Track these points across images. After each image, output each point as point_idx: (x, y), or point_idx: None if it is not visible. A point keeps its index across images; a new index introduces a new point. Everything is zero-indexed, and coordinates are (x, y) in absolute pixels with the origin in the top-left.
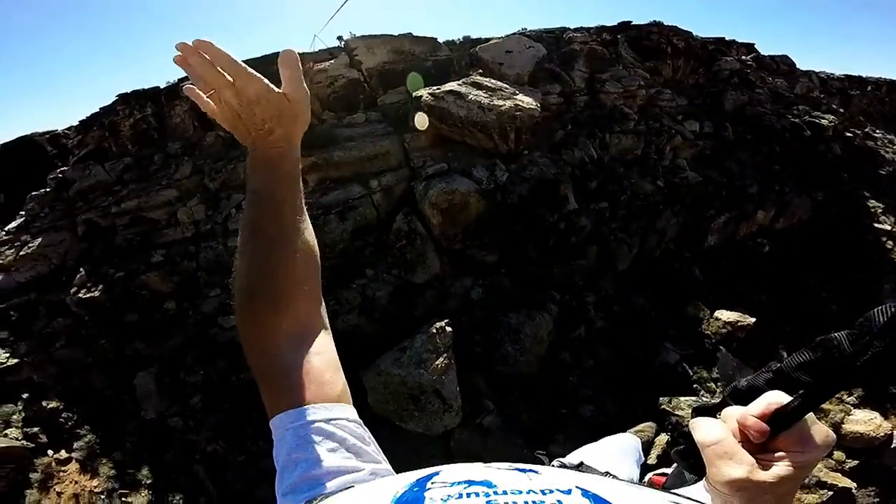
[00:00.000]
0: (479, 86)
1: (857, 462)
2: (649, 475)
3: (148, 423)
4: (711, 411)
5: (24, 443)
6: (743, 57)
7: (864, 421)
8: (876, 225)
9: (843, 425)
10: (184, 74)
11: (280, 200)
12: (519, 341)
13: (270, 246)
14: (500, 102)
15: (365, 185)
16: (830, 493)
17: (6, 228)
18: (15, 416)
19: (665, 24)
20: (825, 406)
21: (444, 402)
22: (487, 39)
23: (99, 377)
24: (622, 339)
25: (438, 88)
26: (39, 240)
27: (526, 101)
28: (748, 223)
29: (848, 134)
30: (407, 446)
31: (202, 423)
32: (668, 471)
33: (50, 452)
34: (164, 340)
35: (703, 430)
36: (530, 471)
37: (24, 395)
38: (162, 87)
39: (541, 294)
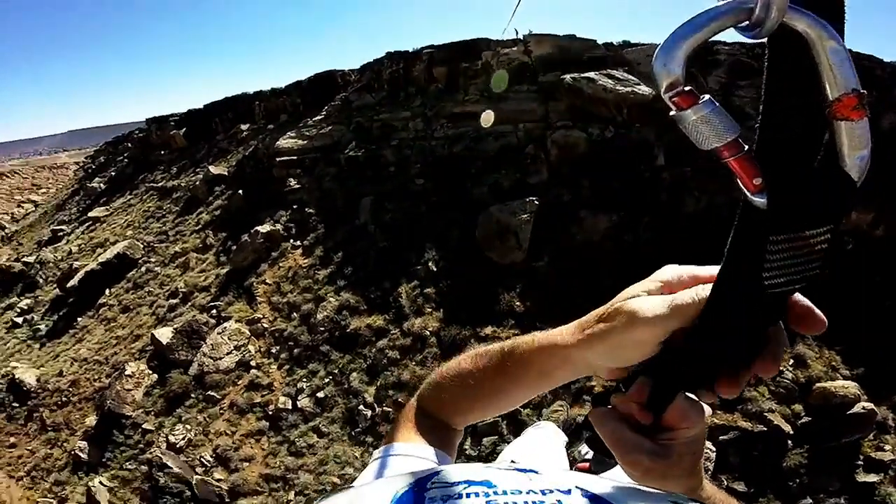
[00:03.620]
0: (610, 76)
1: (808, 419)
2: (577, 462)
3: (357, 227)
4: (607, 399)
5: (281, 231)
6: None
7: (843, 386)
8: None
9: (819, 383)
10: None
11: (517, 388)
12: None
13: (489, 399)
14: (621, 88)
15: (515, 126)
16: (764, 428)
17: (313, 119)
18: (284, 217)
19: None
20: (812, 363)
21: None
22: (639, 44)
23: (342, 199)
24: None
25: (580, 74)
26: (330, 127)
27: (643, 90)
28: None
29: None
30: None
31: (380, 227)
32: (590, 454)
33: (291, 241)
34: (383, 182)
35: (597, 423)
36: (530, 471)
37: (294, 206)
38: (411, 50)
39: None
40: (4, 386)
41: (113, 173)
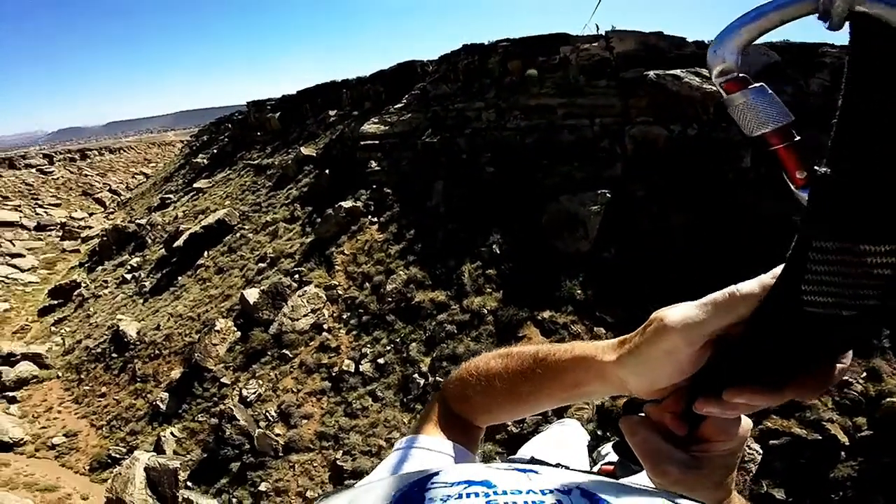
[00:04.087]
0: (697, 74)
1: (870, 433)
2: (598, 465)
3: (428, 208)
4: (638, 406)
5: (361, 208)
6: None
7: None
8: None
9: (891, 398)
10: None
11: (546, 398)
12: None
13: (515, 403)
14: (710, 87)
15: (591, 120)
16: (818, 437)
17: (394, 107)
18: (364, 196)
19: None
20: (887, 378)
21: None
22: None
23: (417, 181)
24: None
25: (665, 71)
26: (409, 115)
27: None
28: None
29: None
30: None
31: (449, 210)
32: (615, 458)
33: (369, 217)
34: (455, 168)
35: (628, 431)
36: (530, 471)
37: (374, 186)
38: (487, 43)
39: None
40: (109, 337)
41: (215, 151)
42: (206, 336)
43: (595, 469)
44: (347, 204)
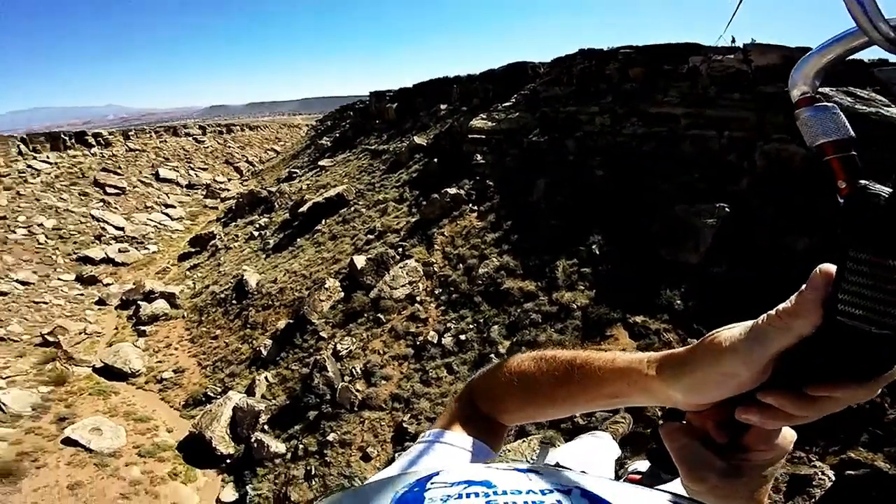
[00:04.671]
0: (851, 94)
1: None
2: (626, 475)
3: (529, 202)
4: (681, 414)
5: (464, 195)
6: None
7: None
8: None
9: None
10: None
11: (576, 404)
12: None
13: (545, 406)
14: (862, 107)
15: (719, 132)
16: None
17: (503, 105)
18: (467, 185)
19: None
20: None
21: None
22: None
23: (520, 177)
24: None
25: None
26: (518, 114)
27: (892, 111)
28: None
29: None
30: None
31: (550, 207)
32: (643, 468)
33: (470, 204)
34: (561, 168)
35: (668, 437)
36: (530, 471)
37: (477, 177)
38: (606, 49)
39: None
40: (233, 284)
41: (337, 134)
42: (316, 292)
43: (621, 479)
44: (452, 191)
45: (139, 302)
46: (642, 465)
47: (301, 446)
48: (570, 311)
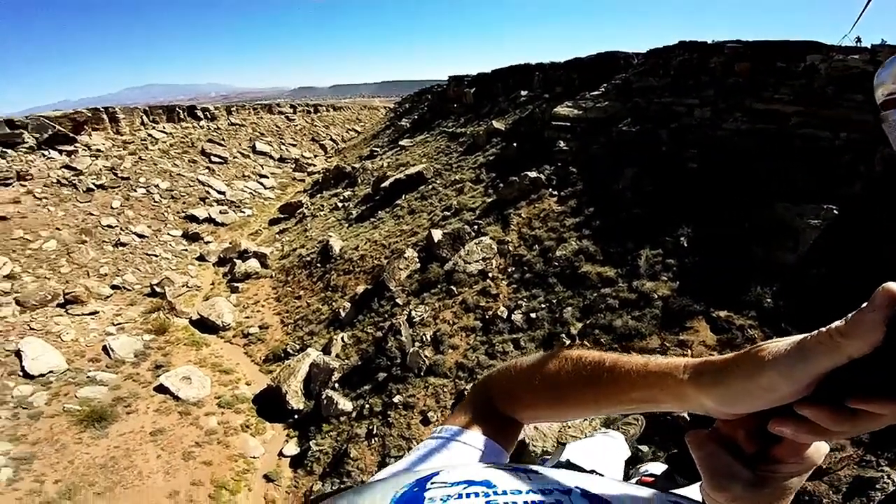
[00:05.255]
0: None
1: None
2: (638, 476)
3: (614, 191)
4: (709, 420)
5: (544, 179)
6: None
7: None
8: None
9: None
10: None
11: (598, 407)
12: None
13: (567, 406)
14: None
15: (834, 133)
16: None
17: (591, 94)
18: (547, 170)
19: None
20: None
21: None
22: None
23: (606, 165)
24: None
25: None
26: (607, 103)
27: None
28: None
29: None
30: None
31: (637, 196)
32: (657, 471)
33: (550, 189)
34: (651, 158)
35: (695, 445)
36: (530, 471)
37: (559, 163)
38: (709, 42)
39: None
40: (318, 249)
41: (416, 117)
42: (396, 261)
43: (632, 482)
44: (532, 174)
45: (234, 260)
46: (655, 467)
47: (367, 406)
48: (649, 300)
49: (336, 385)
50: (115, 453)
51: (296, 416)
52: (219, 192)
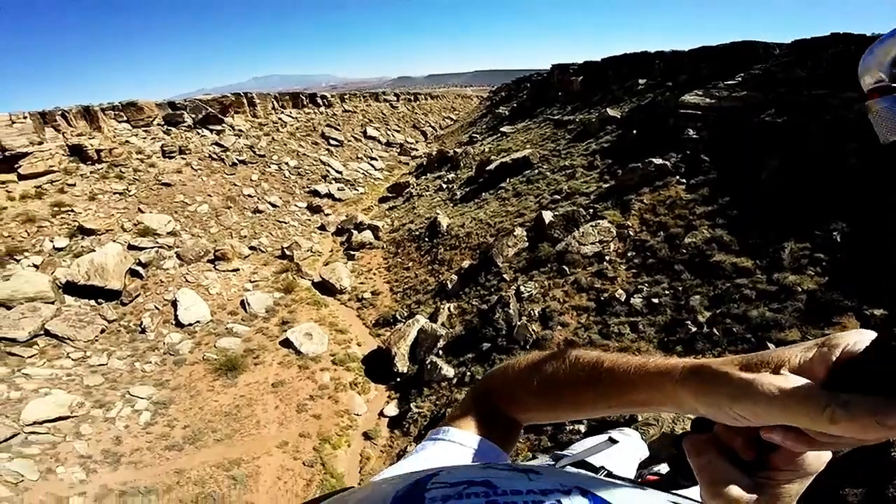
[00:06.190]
0: None
1: None
2: (645, 474)
3: (756, 181)
4: (709, 425)
5: (670, 167)
6: None
7: None
8: None
9: None
10: None
11: (603, 408)
12: None
13: (566, 407)
14: None
15: None
16: None
17: (724, 83)
18: (674, 158)
19: None
20: None
21: None
22: None
23: (745, 155)
24: None
25: None
26: (744, 92)
27: None
28: None
29: None
30: None
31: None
32: (663, 470)
33: (677, 176)
34: (800, 151)
35: (693, 451)
36: (530, 471)
37: (688, 151)
38: (869, 34)
39: None
40: (426, 225)
41: (514, 105)
42: (504, 238)
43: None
44: (657, 161)
45: (351, 230)
46: (663, 466)
47: (469, 373)
48: (792, 293)
49: (440, 352)
50: (240, 402)
51: (399, 379)
52: (336, 172)
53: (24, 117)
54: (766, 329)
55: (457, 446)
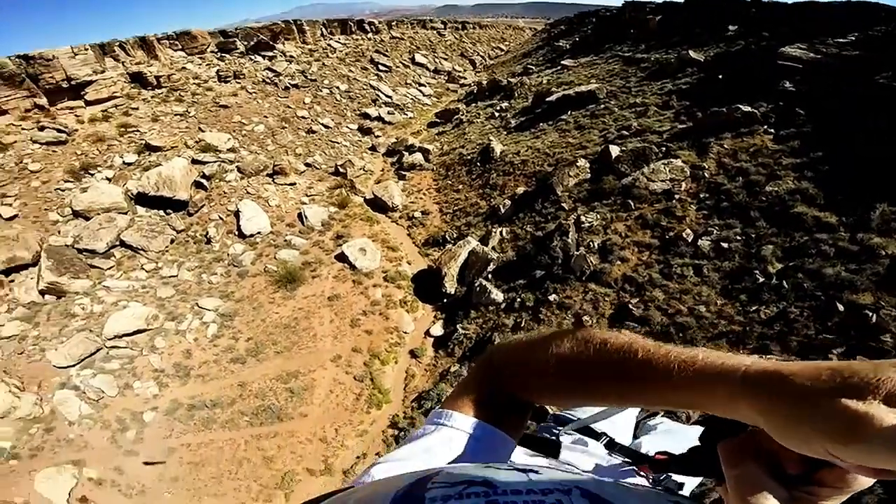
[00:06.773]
0: None
1: None
2: (653, 452)
3: (853, 140)
4: (736, 426)
5: (759, 116)
6: None
7: None
8: None
9: None
10: None
11: (618, 399)
12: None
13: (584, 395)
14: None
15: None
16: None
17: (834, 39)
18: (763, 108)
19: None
20: None
21: None
22: None
23: (851, 115)
24: None
25: None
26: (857, 52)
27: None
28: None
29: None
30: None
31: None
32: (661, 425)
33: (765, 126)
34: None
35: (729, 459)
36: (530, 470)
37: (780, 103)
38: None
39: None
40: (479, 150)
41: (577, 38)
42: (566, 167)
43: (648, 452)
44: (746, 108)
45: (402, 152)
46: (664, 422)
47: (519, 300)
48: (874, 255)
49: (490, 276)
50: (298, 315)
51: (446, 300)
52: (386, 96)
53: (86, 49)
54: (839, 289)
55: (459, 434)
